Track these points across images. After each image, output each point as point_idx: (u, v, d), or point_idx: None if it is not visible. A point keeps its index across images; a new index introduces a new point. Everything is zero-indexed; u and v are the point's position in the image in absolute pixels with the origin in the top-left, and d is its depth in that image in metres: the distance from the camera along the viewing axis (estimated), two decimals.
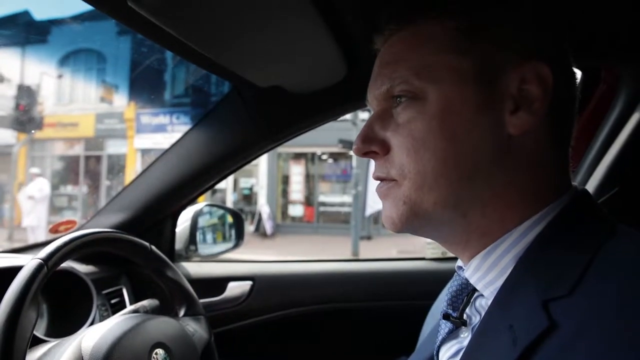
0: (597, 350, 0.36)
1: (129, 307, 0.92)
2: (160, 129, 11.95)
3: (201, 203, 1.43)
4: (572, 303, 0.40)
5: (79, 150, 13.17)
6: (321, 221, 13.69)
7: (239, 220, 1.55)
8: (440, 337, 0.56)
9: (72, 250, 0.76)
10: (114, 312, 1.08)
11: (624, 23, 0.84)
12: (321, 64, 0.91)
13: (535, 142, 0.49)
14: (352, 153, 0.58)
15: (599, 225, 0.47)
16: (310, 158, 13.79)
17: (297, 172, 13.90)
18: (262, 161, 13.17)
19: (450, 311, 0.55)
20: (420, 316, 0.82)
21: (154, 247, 0.93)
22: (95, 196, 12.92)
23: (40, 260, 0.71)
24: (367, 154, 0.54)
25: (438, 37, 0.50)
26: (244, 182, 14.42)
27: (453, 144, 0.48)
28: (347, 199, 12.44)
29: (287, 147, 12.79)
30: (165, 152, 1.18)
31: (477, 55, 0.49)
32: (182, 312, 0.95)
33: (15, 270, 0.70)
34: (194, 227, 1.35)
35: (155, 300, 0.96)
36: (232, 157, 1.14)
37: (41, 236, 8.11)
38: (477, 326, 0.49)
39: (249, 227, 12.48)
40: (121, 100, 12.27)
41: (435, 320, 0.68)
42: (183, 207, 1.30)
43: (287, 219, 14.04)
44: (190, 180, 1.17)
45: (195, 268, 1.34)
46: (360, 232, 10.45)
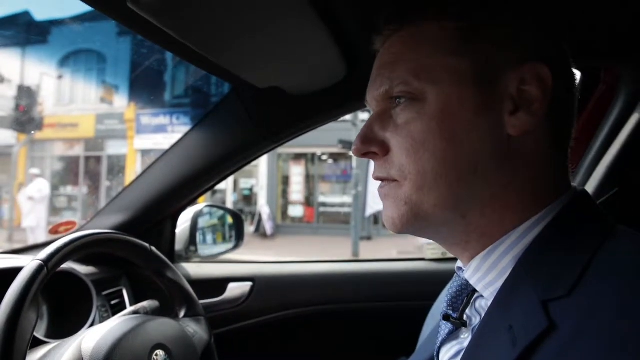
0: (597, 351, 0.36)
1: (129, 308, 0.92)
2: (161, 129, 11.94)
3: (201, 204, 1.44)
4: (572, 303, 0.40)
5: (79, 150, 13.16)
6: (321, 222, 13.68)
7: (239, 221, 1.56)
8: (441, 338, 0.56)
9: (72, 251, 0.76)
10: (114, 313, 1.08)
11: (623, 24, 0.84)
12: (320, 65, 0.91)
13: (534, 143, 0.49)
14: (352, 153, 0.58)
15: (598, 225, 0.47)
16: (310, 158, 13.78)
17: (297, 173, 13.90)
18: (262, 162, 13.16)
19: (451, 312, 0.55)
20: (420, 317, 0.81)
21: (154, 248, 0.93)
22: (95, 197, 12.91)
23: (41, 262, 0.71)
24: (366, 155, 0.54)
25: (437, 38, 0.50)
26: (244, 183, 14.41)
27: (452, 145, 0.48)
28: (347, 199, 12.44)
29: (287, 148, 12.78)
30: (165, 153, 1.18)
31: (477, 56, 0.49)
32: (182, 313, 0.95)
33: (16, 271, 0.70)
34: (194, 228, 1.36)
35: (156, 302, 0.96)
36: (231, 158, 1.14)
37: (41, 237, 8.11)
38: (477, 327, 0.49)
39: (249, 228, 12.47)
40: (121, 100, 12.26)
41: (435, 321, 0.68)
42: (183, 208, 1.30)
43: (287, 219, 14.03)
44: (190, 181, 1.17)
45: (195, 269, 1.34)
46: (361, 233, 10.45)
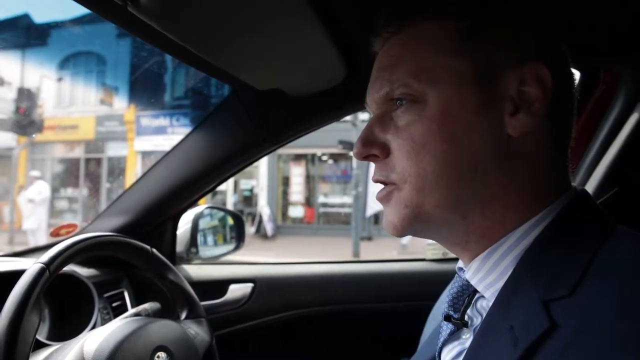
0: (598, 351, 0.36)
1: (131, 311, 0.92)
2: (161, 131, 11.94)
3: (202, 205, 1.44)
4: (573, 303, 0.40)
5: (79, 152, 13.16)
6: (322, 222, 13.67)
7: (239, 222, 1.56)
8: (442, 339, 0.56)
9: (74, 254, 0.77)
10: (115, 316, 1.08)
11: (622, 24, 0.84)
12: (320, 66, 0.91)
13: (534, 143, 0.49)
14: (353, 156, 0.58)
15: (598, 225, 0.47)
16: (311, 159, 13.78)
17: (297, 174, 13.89)
18: (263, 163, 13.16)
19: (452, 312, 0.55)
20: (421, 317, 0.82)
21: (155, 250, 0.93)
22: (96, 199, 12.90)
23: (43, 265, 0.71)
24: (367, 158, 0.54)
25: (436, 39, 0.50)
26: (245, 184, 14.41)
27: (453, 146, 0.48)
28: (348, 199, 12.43)
29: (287, 149, 12.77)
30: (165, 155, 1.18)
31: (476, 57, 0.49)
32: (183, 315, 0.95)
33: (18, 274, 0.71)
34: (194, 230, 1.36)
35: (157, 303, 0.96)
36: (232, 160, 1.14)
37: (41, 239, 8.10)
38: (478, 327, 0.49)
39: (250, 229, 12.46)
40: (121, 102, 12.26)
41: (436, 321, 0.68)
42: (184, 210, 1.30)
43: (287, 220, 14.02)
44: (191, 183, 1.17)
45: (197, 270, 1.34)
46: (361, 233, 10.44)
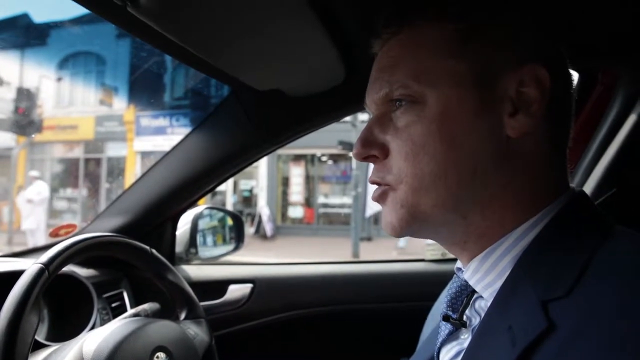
0: (596, 351, 0.36)
1: (130, 311, 0.92)
2: (160, 131, 11.93)
3: (201, 206, 1.44)
4: (571, 304, 0.40)
5: (78, 152, 13.15)
6: (321, 223, 13.67)
7: (239, 222, 1.56)
8: (441, 339, 0.56)
9: (73, 254, 0.77)
10: (114, 316, 1.08)
11: (620, 25, 0.84)
12: (319, 67, 0.91)
13: (533, 144, 0.50)
14: (353, 157, 0.58)
15: (596, 226, 0.47)
16: (310, 159, 13.78)
17: (297, 174, 13.89)
18: (262, 163, 13.16)
19: (450, 313, 0.55)
20: (420, 317, 0.82)
21: (154, 251, 0.93)
22: (95, 199, 12.89)
23: (42, 265, 0.71)
24: (367, 158, 0.54)
25: (436, 41, 0.50)
26: (244, 184, 14.40)
27: (452, 147, 0.49)
28: (347, 200, 12.43)
29: (287, 149, 12.77)
30: (165, 155, 1.18)
31: (475, 58, 0.49)
32: (182, 316, 0.95)
33: (17, 274, 0.71)
34: (194, 230, 1.36)
35: (156, 304, 0.96)
36: (231, 161, 1.15)
37: (40, 239, 8.09)
38: (477, 327, 0.49)
39: (249, 229, 12.45)
40: (121, 102, 12.26)
41: (435, 321, 0.68)
42: (183, 210, 1.30)
43: (287, 220, 14.02)
44: (190, 183, 1.17)
45: (196, 271, 1.34)
46: (361, 234, 10.45)
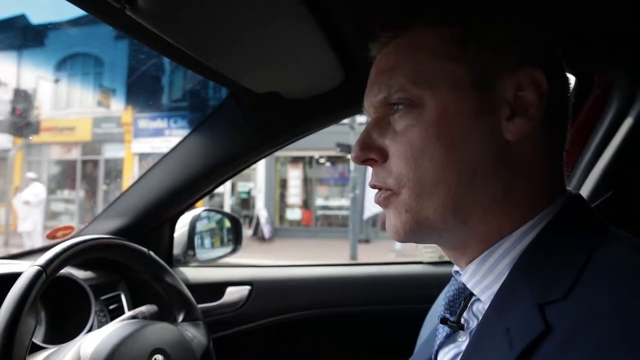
0: (597, 351, 0.36)
1: (128, 313, 0.92)
2: (158, 133, 11.93)
3: (199, 208, 1.44)
4: (568, 306, 0.40)
5: (75, 154, 13.13)
6: (319, 225, 13.67)
7: (236, 224, 1.56)
8: (438, 342, 0.56)
9: (70, 256, 0.77)
10: (112, 318, 1.08)
11: (616, 28, 0.84)
12: (318, 70, 0.91)
13: (531, 147, 0.50)
14: (351, 160, 0.58)
15: (593, 228, 0.48)
16: (308, 162, 13.78)
17: (294, 176, 13.89)
18: (260, 165, 13.16)
19: (448, 315, 0.55)
20: (418, 320, 0.82)
21: (152, 253, 0.93)
22: (92, 201, 12.86)
23: (39, 267, 0.71)
24: (365, 162, 0.54)
25: (434, 44, 0.51)
26: (242, 186, 14.39)
27: (451, 151, 0.49)
28: (345, 202, 12.45)
29: (285, 151, 12.77)
30: (163, 157, 1.18)
31: (473, 62, 0.49)
32: (180, 318, 0.95)
33: (14, 276, 0.71)
34: (192, 232, 1.36)
35: (154, 306, 0.96)
36: (229, 163, 1.15)
37: (37, 241, 8.06)
38: (475, 330, 0.50)
39: (247, 231, 12.43)
40: (118, 104, 12.24)
41: (433, 324, 0.68)
42: (181, 212, 1.30)
43: (285, 222, 14.01)
44: (188, 185, 1.17)
45: (194, 273, 1.34)
46: (359, 236, 10.45)
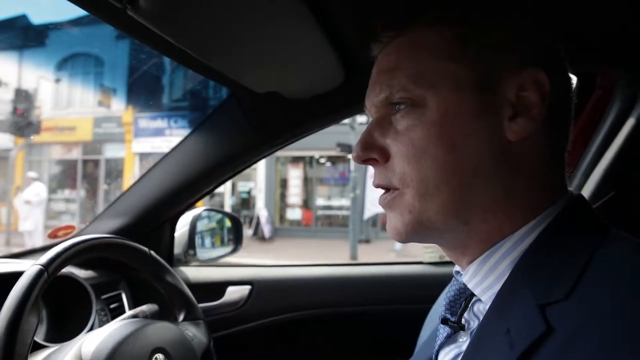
0: (595, 353, 0.36)
1: (128, 312, 0.92)
2: (159, 133, 11.94)
3: (200, 207, 1.44)
4: (569, 307, 0.40)
5: (76, 154, 13.14)
6: (319, 225, 13.67)
7: (237, 224, 1.56)
8: (439, 342, 0.56)
9: (72, 256, 0.77)
10: (113, 317, 1.08)
11: (618, 28, 0.84)
12: (318, 70, 0.91)
13: (533, 148, 0.50)
14: (352, 160, 0.58)
15: (594, 229, 0.47)
16: (309, 161, 13.78)
17: (295, 176, 13.89)
18: (260, 165, 13.16)
19: (449, 316, 0.55)
20: (418, 320, 0.82)
21: (153, 252, 0.93)
22: (93, 200, 12.88)
23: (41, 266, 0.71)
24: (366, 161, 0.54)
25: (435, 44, 0.51)
26: (242, 186, 14.40)
27: (453, 151, 0.49)
28: (346, 202, 12.45)
29: (285, 151, 12.77)
30: (163, 157, 1.18)
31: (475, 62, 0.49)
32: (181, 317, 0.95)
33: (16, 275, 0.71)
34: (192, 232, 1.36)
35: (155, 305, 0.96)
36: (230, 163, 1.15)
37: (38, 241, 8.08)
38: (475, 330, 0.50)
39: (247, 231, 12.44)
40: (119, 104, 12.26)
41: (433, 324, 0.68)
42: (182, 212, 1.30)
43: (285, 222, 14.01)
44: (189, 185, 1.17)
45: (194, 272, 1.34)
46: (359, 236, 10.45)
